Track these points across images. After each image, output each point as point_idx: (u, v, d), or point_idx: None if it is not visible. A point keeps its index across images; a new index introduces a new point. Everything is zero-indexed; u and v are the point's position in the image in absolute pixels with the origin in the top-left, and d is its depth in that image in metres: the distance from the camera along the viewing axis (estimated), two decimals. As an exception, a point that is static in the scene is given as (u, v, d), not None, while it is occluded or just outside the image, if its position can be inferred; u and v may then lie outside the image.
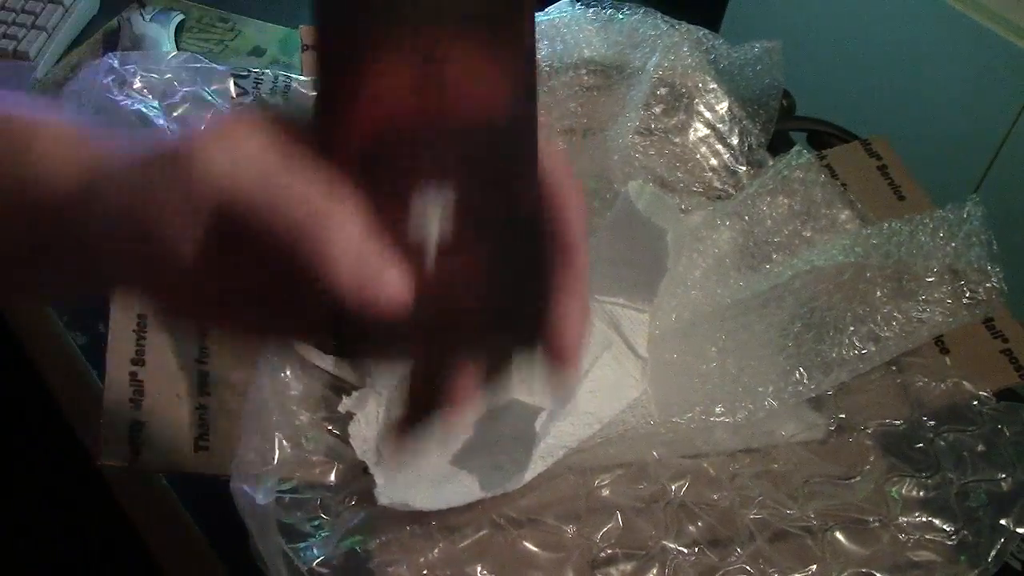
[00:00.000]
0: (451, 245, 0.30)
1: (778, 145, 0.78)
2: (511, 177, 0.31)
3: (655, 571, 0.54)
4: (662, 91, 0.77)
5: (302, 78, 0.70)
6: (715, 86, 0.78)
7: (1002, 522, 0.57)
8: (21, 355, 0.71)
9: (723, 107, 0.77)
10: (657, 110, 0.77)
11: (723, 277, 0.66)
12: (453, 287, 0.31)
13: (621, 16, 0.78)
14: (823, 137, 0.82)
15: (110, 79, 0.63)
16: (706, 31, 0.79)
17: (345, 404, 0.58)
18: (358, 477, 0.55)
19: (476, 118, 0.30)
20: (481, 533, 0.54)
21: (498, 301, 0.32)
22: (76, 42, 0.93)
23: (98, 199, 0.31)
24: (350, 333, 0.31)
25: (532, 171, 0.31)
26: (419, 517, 0.54)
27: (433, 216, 0.30)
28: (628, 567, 0.54)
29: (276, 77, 0.69)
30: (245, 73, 0.69)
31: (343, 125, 0.29)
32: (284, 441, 0.53)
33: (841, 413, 0.63)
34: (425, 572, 0.52)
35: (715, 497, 0.57)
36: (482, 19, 0.29)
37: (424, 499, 0.53)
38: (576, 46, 0.77)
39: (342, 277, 0.28)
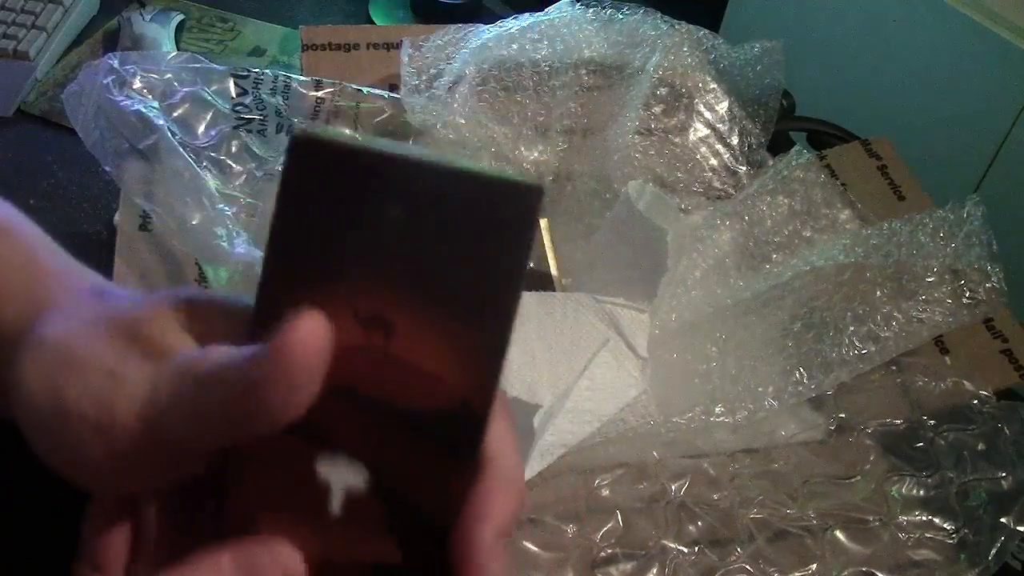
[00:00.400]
0: (344, 529, 0.27)
1: (778, 145, 0.78)
2: (437, 477, 0.27)
3: (655, 571, 0.54)
4: (662, 91, 0.77)
5: (302, 78, 0.70)
6: (715, 86, 0.78)
7: (1002, 521, 0.57)
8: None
9: (723, 107, 0.78)
10: (657, 110, 0.77)
11: (723, 277, 0.66)
12: (333, 572, 0.27)
13: (621, 16, 0.78)
14: (823, 137, 0.82)
15: (110, 79, 0.63)
16: (706, 31, 0.79)
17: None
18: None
19: (416, 400, 0.27)
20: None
21: None
22: (76, 42, 0.93)
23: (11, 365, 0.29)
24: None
25: (468, 475, 0.27)
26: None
27: (338, 484, 0.27)
28: (628, 567, 0.54)
29: (276, 77, 0.69)
30: (245, 73, 0.69)
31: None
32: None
33: (841, 413, 0.63)
34: (425, 572, 0.52)
35: (715, 497, 0.57)
36: (442, 290, 0.26)
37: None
38: (576, 46, 0.77)
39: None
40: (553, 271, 0.67)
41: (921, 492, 0.59)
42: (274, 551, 0.26)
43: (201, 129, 0.66)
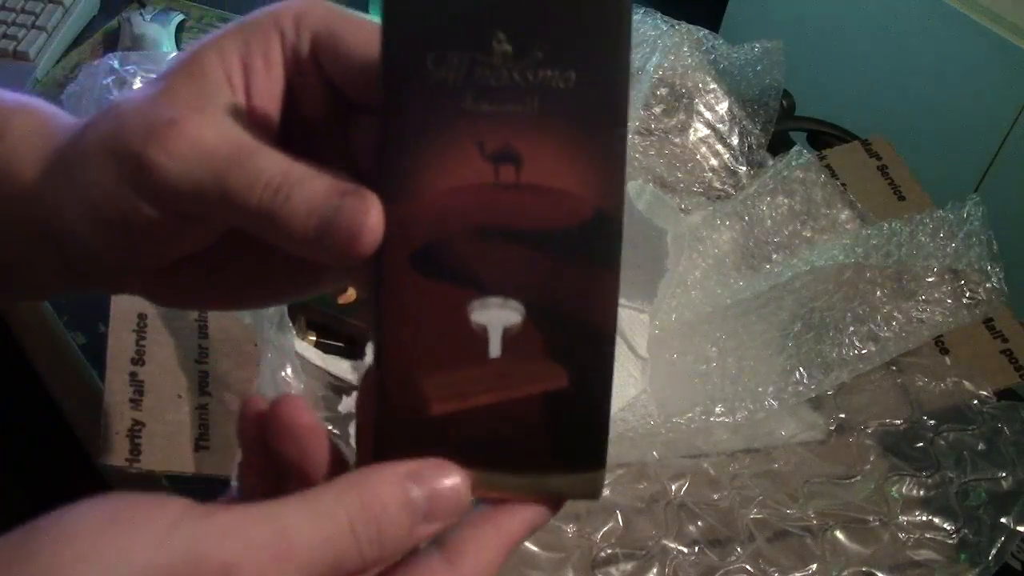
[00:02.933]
0: (511, 364, 0.28)
1: (778, 145, 0.78)
2: (588, 288, 0.28)
3: (655, 571, 0.54)
4: (662, 91, 0.77)
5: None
6: (715, 86, 0.78)
7: (1002, 520, 0.57)
8: (21, 355, 0.71)
9: (723, 107, 0.78)
10: (657, 110, 0.77)
11: (723, 277, 0.66)
12: (506, 411, 0.28)
13: (621, 16, 0.78)
14: (823, 137, 0.82)
15: (110, 79, 0.63)
16: (706, 31, 0.79)
17: (345, 404, 0.58)
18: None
19: (555, 221, 0.27)
20: (481, 533, 0.54)
21: (551, 438, 0.28)
22: (76, 42, 0.93)
23: (57, 193, 0.30)
24: (382, 433, 0.28)
25: (614, 280, 0.28)
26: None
27: (496, 325, 0.28)
28: (628, 567, 0.54)
29: (276, 77, 0.69)
30: (245, 73, 0.69)
31: (406, 209, 0.27)
32: (284, 441, 0.53)
33: (841, 413, 0.63)
34: (425, 572, 0.52)
35: (715, 497, 0.57)
36: (558, 107, 0.27)
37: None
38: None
39: (301, 226, 0.27)
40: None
41: (921, 492, 0.59)
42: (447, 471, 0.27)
43: (201, 129, 0.66)
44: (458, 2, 0.27)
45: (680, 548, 0.55)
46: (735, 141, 0.77)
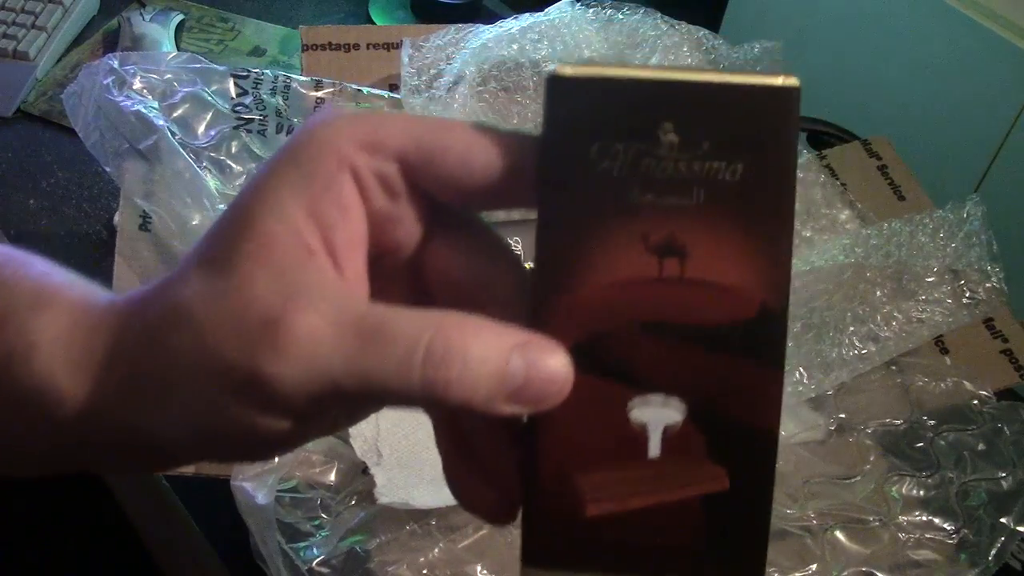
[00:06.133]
0: (671, 465, 0.27)
1: (778, 145, 0.78)
2: (752, 388, 0.27)
3: (655, 571, 0.54)
4: (662, 91, 0.77)
5: (302, 78, 0.70)
6: (715, 86, 0.78)
7: (1002, 521, 0.57)
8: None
9: (723, 107, 0.77)
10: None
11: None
12: (663, 515, 0.27)
13: (621, 16, 0.78)
14: (823, 137, 0.82)
15: (110, 79, 0.63)
16: (706, 31, 0.79)
17: (345, 404, 0.58)
18: (358, 477, 0.55)
19: (719, 317, 0.27)
20: (481, 533, 0.54)
21: (709, 543, 0.27)
22: (76, 42, 0.93)
23: (138, 416, 0.26)
24: (532, 534, 0.27)
25: (778, 380, 0.27)
26: (419, 517, 0.54)
27: (656, 424, 0.27)
28: (628, 567, 0.54)
29: (276, 77, 0.69)
30: (245, 73, 0.69)
31: (566, 302, 0.26)
32: (284, 441, 0.53)
33: (841, 413, 0.63)
34: (425, 572, 0.52)
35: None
36: (726, 202, 0.26)
37: (424, 498, 0.53)
38: (576, 46, 0.77)
39: (484, 397, 0.24)
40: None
41: (921, 492, 0.59)
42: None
43: (201, 129, 0.66)
44: (625, 92, 0.26)
45: (680, 548, 0.55)
46: (735, 141, 0.77)
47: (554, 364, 0.25)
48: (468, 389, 0.24)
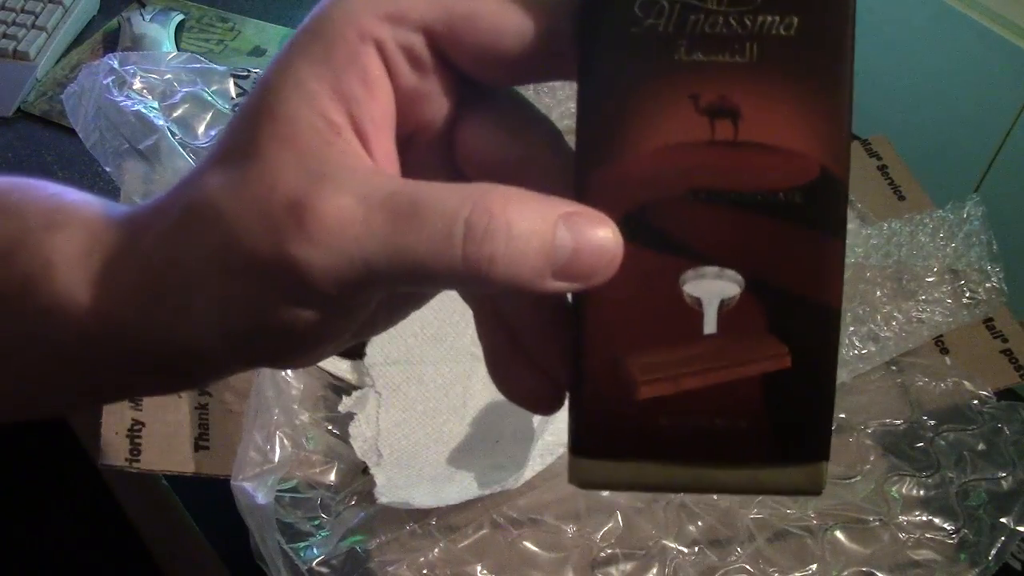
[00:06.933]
0: (728, 342, 0.25)
1: (778, 145, 0.78)
2: (813, 258, 0.25)
3: (655, 571, 0.54)
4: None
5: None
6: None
7: (1002, 521, 0.57)
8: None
9: (723, 107, 0.78)
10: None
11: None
12: (721, 396, 0.25)
13: (621, 16, 0.78)
14: (823, 137, 0.82)
15: (110, 79, 0.63)
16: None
17: (345, 404, 0.58)
18: (358, 477, 0.55)
19: (777, 182, 0.25)
20: (481, 532, 0.54)
21: (771, 425, 0.25)
22: (76, 42, 0.93)
23: (162, 326, 0.24)
24: (581, 421, 0.26)
25: (840, 250, 0.25)
26: (419, 517, 0.54)
27: (712, 299, 0.25)
28: (628, 567, 0.54)
29: (276, 77, 0.69)
30: (245, 73, 0.69)
31: (614, 171, 0.24)
32: (285, 440, 0.53)
33: (841, 413, 0.63)
34: (425, 572, 0.52)
35: (715, 497, 0.57)
36: (780, 60, 0.24)
37: (424, 498, 0.53)
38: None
39: (530, 271, 0.22)
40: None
41: (921, 492, 0.59)
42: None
43: (201, 129, 0.66)
44: None
45: (680, 548, 0.55)
46: (735, 141, 0.77)
47: (603, 235, 0.23)
48: (514, 265, 0.22)
